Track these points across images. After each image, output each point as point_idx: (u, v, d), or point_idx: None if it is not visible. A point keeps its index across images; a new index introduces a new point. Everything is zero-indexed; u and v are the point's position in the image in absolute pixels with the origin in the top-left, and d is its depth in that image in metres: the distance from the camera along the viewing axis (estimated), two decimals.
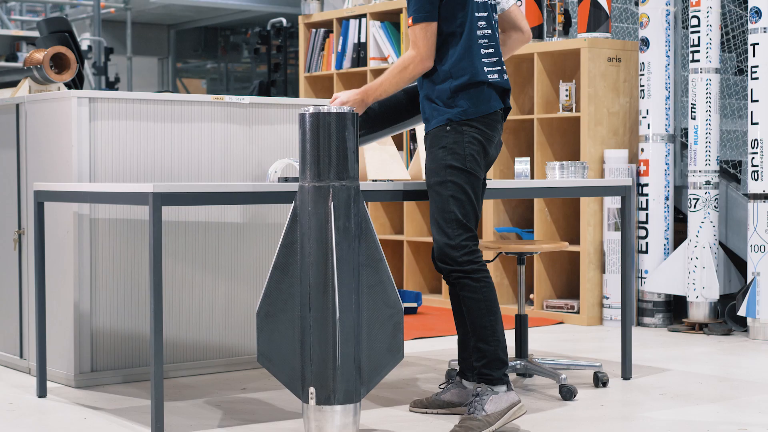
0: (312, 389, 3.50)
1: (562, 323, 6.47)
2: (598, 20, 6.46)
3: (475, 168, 3.83)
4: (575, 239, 6.62)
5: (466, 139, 3.85)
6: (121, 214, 4.59)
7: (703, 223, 6.07)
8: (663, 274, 6.22)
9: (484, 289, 3.81)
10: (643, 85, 6.33)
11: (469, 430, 3.68)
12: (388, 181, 4.28)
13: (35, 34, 10.83)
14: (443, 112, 3.86)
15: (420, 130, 5.00)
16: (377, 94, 3.88)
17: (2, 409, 4.17)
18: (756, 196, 5.85)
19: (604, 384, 4.57)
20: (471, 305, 3.81)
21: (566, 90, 6.51)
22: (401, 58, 3.86)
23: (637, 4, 7.11)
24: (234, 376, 4.80)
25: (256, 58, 19.17)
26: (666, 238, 6.33)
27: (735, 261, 6.30)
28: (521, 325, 4.69)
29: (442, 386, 4.08)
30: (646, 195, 6.32)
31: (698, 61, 6.10)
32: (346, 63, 7.78)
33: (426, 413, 3.98)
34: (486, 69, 3.89)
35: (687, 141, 6.28)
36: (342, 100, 3.83)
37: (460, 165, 3.83)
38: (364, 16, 7.66)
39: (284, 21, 16.42)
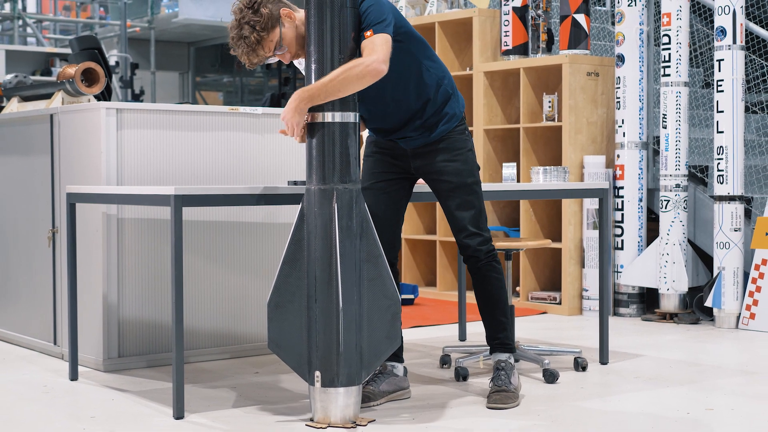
0: (318, 373, 3.51)
1: (545, 313, 6.47)
2: (578, 38, 6.47)
3: None
4: (557, 237, 6.62)
5: (472, 141, 4.00)
6: (145, 215, 4.59)
7: (673, 223, 6.07)
8: (637, 268, 6.23)
9: (501, 270, 4.01)
10: (619, 97, 6.33)
11: (507, 400, 3.86)
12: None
13: (67, 51, 10.83)
14: (452, 115, 3.91)
15: None
16: (319, 97, 3.49)
17: (38, 391, 4.18)
18: (721, 198, 5.86)
19: (584, 368, 4.57)
20: (495, 283, 3.98)
21: (549, 102, 6.51)
22: (355, 60, 3.50)
23: (613, 23, 7.11)
24: (247, 361, 4.80)
25: (267, 73, 19.18)
26: (640, 236, 6.33)
27: (702, 257, 6.30)
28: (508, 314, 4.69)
29: (372, 378, 3.94)
30: (622, 197, 6.32)
31: (669, 75, 6.10)
32: None
33: (376, 406, 3.86)
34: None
35: (659, 148, 6.28)
36: (291, 125, 3.52)
37: (479, 166, 4.01)
38: None
39: None
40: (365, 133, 4.33)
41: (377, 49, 3.54)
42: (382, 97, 3.80)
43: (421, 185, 4.33)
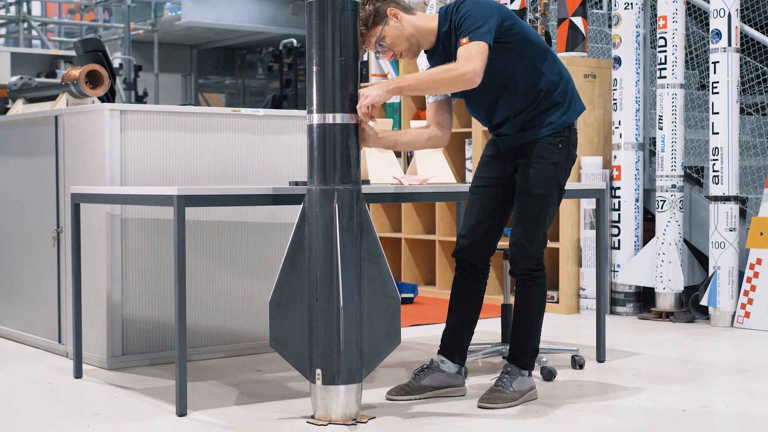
0: (318, 371, 3.51)
1: None
2: (575, 41, 6.47)
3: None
4: (555, 237, 6.62)
5: (570, 158, 3.83)
6: (148, 214, 4.59)
7: (669, 223, 6.07)
8: (633, 267, 6.23)
9: (542, 291, 3.88)
10: (615, 99, 6.33)
11: (496, 400, 3.77)
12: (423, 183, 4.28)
13: (72, 53, 10.83)
14: (547, 123, 3.78)
15: None
16: (408, 88, 3.61)
17: (43, 389, 4.18)
18: (716, 198, 5.86)
19: (581, 366, 4.57)
20: (525, 302, 3.87)
21: None
22: (451, 65, 3.56)
23: (610, 26, 7.11)
24: (249, 359, 4.80)
25: (269, 75, 19.19)
26: (636, 236, 6.33)
27: (698, 256, 6.30)
28: (506, 313, 4.69)
29: (417, 372, 3.99)
30: (619, 197, 6.32)
31: (665, 77, 6.10)
32: None
33: (410, 400, 3.90)
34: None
35: (655, 149, 6.28)
36: (371, 99, 3.54)
37: (563, 185, 3.85)
38: None
39: (295, 42, 16.43)
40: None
41: (473, 59, 3.54)
42: (485, 93, 3.75)
43: (417, 186, 4.33)
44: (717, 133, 5.86)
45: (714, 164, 5.87)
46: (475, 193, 3.99)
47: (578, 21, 6.45)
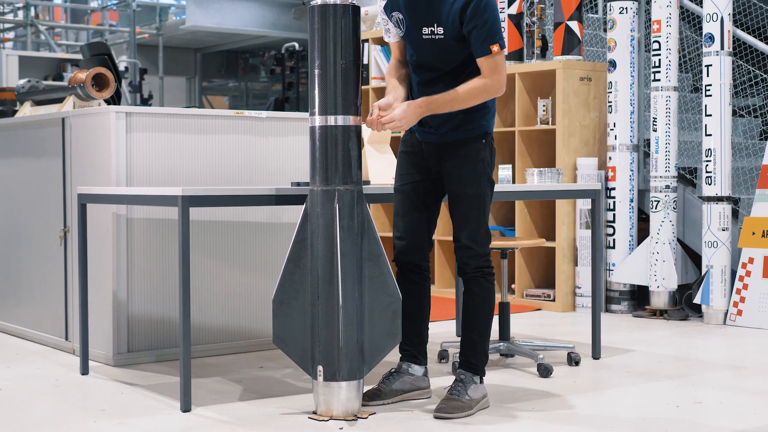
0: (320, 367, 3.51)
1: (539, 310, 6.47)
2: (571, 44, 6.47)
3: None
4: (551, 236, 6.62)
5: (493, 155, 3.79)
6: (153, 214, 4.59)
7: (663, 222, 6.07)
8: (628, 266, 6.23)
9: (492, 290, 3.78)
10: (610, 102, 6.33)
11: (455, 410, 3.63)
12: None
13: (78, 56, 10.83)
14: (479, 125, 3.75)
15: None
16: (440, 108, 3.62)
17: (50, 385, 4.18)
18: (709, 199, 5.86)
19: (577, 363, 4.57)
20: (477, 300, 3.76)
21: (543, 106, 6.51)
22: (482, 82, 3.59)
23: (605, 30, 7.11)
24: (252, 356, 4.80)
25: (272, 78, 19.20)
26: (631, 236, 6.33)
27: (691, 255, 6.30)
28: (504, 311, 4.69)
29: (386, 377, 3.89)
30: (614, 198, 6.32)
31: (659, 80, 6.10)
32: None
33: (384, 404, 3.80)
34: None
35: (649, 150, 6.28)
36: (395, 120, 3.56)
37: (491, 180, 3.79)
38: (366, 41, 7.66)
39: (297, 45, 16.43)
40: (365, 136, 4.31)
41: (501, 71, 3.61)
42: (435, 65, 3.70)
43: None
44: (710, 135, 5.86)
45: (707, 165, 5.87)
46: (403, 192, 3.85)
47: (574, 25, 6.45)
